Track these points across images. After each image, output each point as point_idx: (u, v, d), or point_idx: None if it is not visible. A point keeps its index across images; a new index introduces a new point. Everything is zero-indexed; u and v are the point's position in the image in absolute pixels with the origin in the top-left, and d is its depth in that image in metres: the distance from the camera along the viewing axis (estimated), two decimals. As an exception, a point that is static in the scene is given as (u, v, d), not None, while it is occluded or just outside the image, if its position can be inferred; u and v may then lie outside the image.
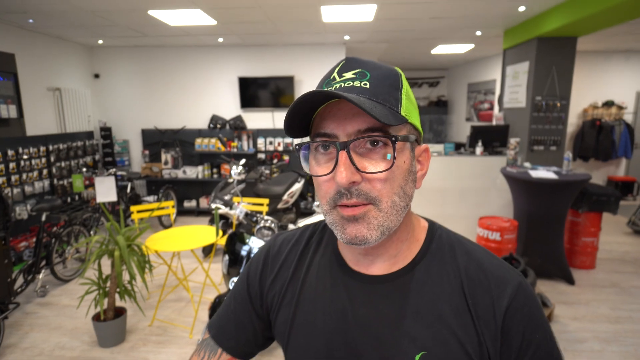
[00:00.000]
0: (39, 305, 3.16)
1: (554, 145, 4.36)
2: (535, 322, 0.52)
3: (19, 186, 4.14)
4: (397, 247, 0.57)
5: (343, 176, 0.47)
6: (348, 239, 0.51)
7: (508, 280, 0.53)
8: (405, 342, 0.53)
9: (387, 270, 0.57)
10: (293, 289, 0.62)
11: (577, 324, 2.77)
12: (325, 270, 0.61)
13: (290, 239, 0.67)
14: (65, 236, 3.59)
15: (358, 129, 0.49)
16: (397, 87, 0.52)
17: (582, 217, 3.58)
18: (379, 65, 0.53)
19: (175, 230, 3.09)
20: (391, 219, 0.51)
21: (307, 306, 0.60)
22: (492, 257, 0.57)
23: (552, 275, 3.42)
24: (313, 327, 0.58)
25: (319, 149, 0.52)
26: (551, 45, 4.19)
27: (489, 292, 0.53)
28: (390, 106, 0.50)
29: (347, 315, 0.56)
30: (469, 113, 7.75)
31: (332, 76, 0.53)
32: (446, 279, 0.55)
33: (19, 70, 4.33)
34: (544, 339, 0.53)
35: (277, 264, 0.65)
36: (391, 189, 0.50)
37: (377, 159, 0.49)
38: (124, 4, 3.63)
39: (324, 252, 0.63)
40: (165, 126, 5.94)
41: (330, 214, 0.52)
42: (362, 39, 5.40)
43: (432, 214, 4.17)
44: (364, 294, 0.56)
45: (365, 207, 0.50)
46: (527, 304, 0.53)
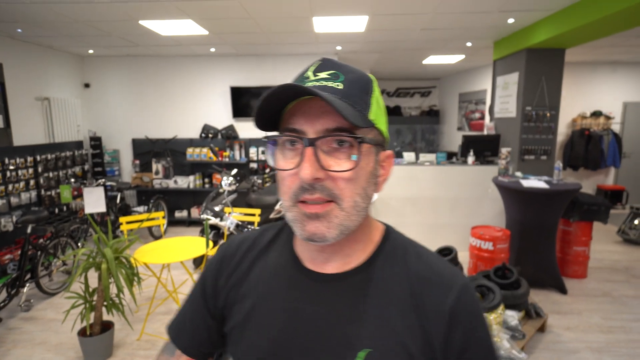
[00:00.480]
0: (22, 320, 3.07)
1: (544, 155, 4.41)
2: (476, 321, 0.55)
3: (4, 197, 4.05)
4: (352, 247, 0.58)
5: (307, 172, 0.48)
6: (306, 236, 0.52)
7: (454, 281, 0.56)
8: (352, 340, 0.54)
9: (340, 269, 0.58)
10: (247, 287, 0.63)
11: (571, 334, 2.77)
12: (280, 269, 0.62)
13: (247, 239, 0.68)
14: (51, 248, 3.51)
15: (326, 128, 0.50)
16: (368, 91, 0.54)
17: (574, 226, 3.60)
18: (354, 70, 0.55)
19: (165, 242, 3.04)
20: (352, 218, 0.52)
21: (260, 304, 0.60)
22: (441, 261, 0.60)
23: (545, 284, 3.42)
24: (266, 324, 0.59)
25: (286, 144, 0.53)
26: (540, 57, 4.26)
27: (436, 293, 0.55)
28: (360, 109, 0.51)
29: (299, 313, 0.57)
30: (461, 122, 7.83)
31: (307, 74, 0.54)
32: (397, 279, 0.57)
33: (6, 80, 4.27)
34: (484, 338, 0.56)
35: (232, 264, 0.66)
36: (354, 189, 0.51)
37: (342, 159, 0.51)
38: (115, 14, 3.62)
39: (281, 251, 0.64)
40: (156, 136, 5.89)
41: (291, 210, 0.53)
42: (354, 49, 5.44)
43: (424, 223, 4.18)
44: (316, 293, 0.57)
45: (328, 206, 0.51)
46: (470, 304, 0.55)
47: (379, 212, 4.50)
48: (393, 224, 0.66)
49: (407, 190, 4.49)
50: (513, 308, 2.63)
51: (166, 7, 3.42)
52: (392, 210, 4.51)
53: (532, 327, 2.64)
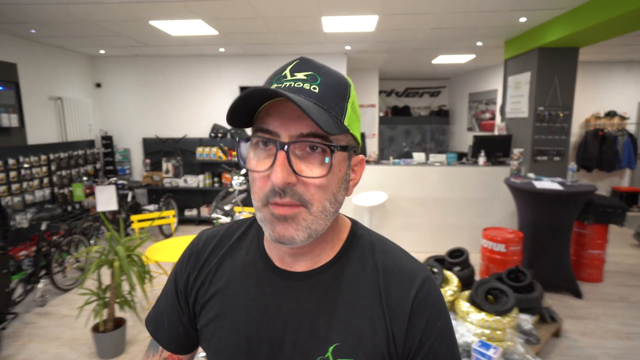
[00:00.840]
0: (38, 315, 3.12)
1: (557, 156, 4.34)
2: (437, 311, 0.57)
3: (19, 195, 4.12)
4: (322, 247, 0.59)
5: (279, 177, 0.48)
6: (275, 238, 0.52)
7: (417, 273, 0.58)
8: (322, 335, 0.55)
9: (309, 267, 0.59)
10: (217, 284, 0.62)
11: (587, 340, 2.71)
12: (249, 266, 0.62)
13: (216, 235, 0.67)
14: (65, 245, 3.55)
15: (301, 132, 0.49)
16: (344, 96, 0.53)
17: (588, 229, 3.54)
18: (331, 72, 0.54)
19: (176, 240, 3.06)
20: (320, 222, 0.53)
21: (230, 302, 0.61)
22: (406, 255, 0.61)
23: (559, 288, 3.37)
24: (236, 322, 0.59)
25: (259, 144, 0.52)
26: (553, 56, 4.20)
27: (400, 285, 0.57)
28: (335, 114, 0.51)
29: (269, 310, 0.58)
30: (471, 123, 7.75)
31: (284, 73, 0.54)
32: (363, 274, 0.58)
33: (20, 80, 4.34)
34: (445, 328, 0.57)
35: (200, 260, 0.65)
36: (324, 194, 0.52)
37: (315, 164, 0.51)
38: (126, 15, 3.65)
39: (249, 248, 0.64)
40: (167, 135, 5.94)
41: (261, 210, 0.53)
42: (363, 49, 5.42)
43: (434, 224, 4.14)
44: (286, 290, 0.58)
45: (296, 209, 0.51)
46: (432, 294, 0.57)
47: (388, 213, 4.48)
48: (402, 224, 0.67)
49: (416, 191, 4.45)
50: (527, 312, 2.59)
51: (176, 8, 3.44)
52: (401, 211, 4.48)
53: (547, 331, 2.60)
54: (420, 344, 0.55)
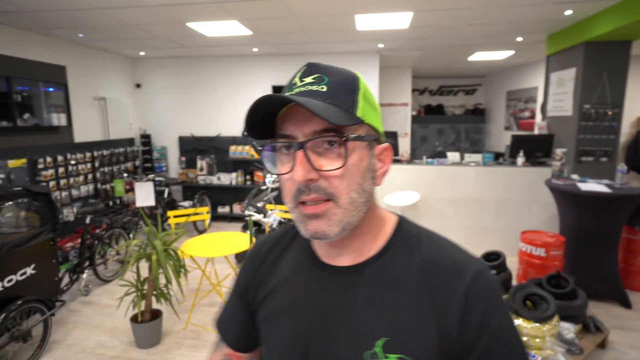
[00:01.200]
0: (82, 304, 3.30)
1: (604, 156, 4.08)
2: (494, 305, 0.54)
3: (66, 190, 4.38)
4: (361, 240, 0.60)
5: (299, 174, 0.51)
6: (310, 234, 0.54)
7: (469, 266, 0.55)
8: (369, 329, 0.55)
9: (353, 261, 0.60)
10: (272, 283, 0.66)
11: (637, 353, 2.53)
12: (299, 264, 0.65)
13: (273, 238, 0.72)
14: (107, 238, 3.75)
15: (314, 130, 0.52)
16: (353, 90, 0.55)
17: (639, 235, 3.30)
18: (338, 70, 0.57)
19: (210, 236, 3.14)
20: (351, 214, 0.54)
21: (283, 299, 0.64)
22: (455, 247, 0.59)
23: (604, 297, 3.16)
24: (288, 318, 0.62)
25: (282, 149, 0.55)
26: (601, 50, 3.94)
27: (449, 278, 0.55)
28: (346, 108, 0.53)
29: (317, 305, 0.60)
30: (508, 122, 7.45)
31: (294, 81, 0.57)
32: (410, 268, 0.57)
33: (69, 81, 4.61)
34: (502, 324, 0.54)
35: (258, 262, 0.70)
36: (348, 185, 0.53)
37: (334, 158, 0.53)
38: (165, 17, 3.79)
39: (299, 247, 0.67)
40: (201, 133, 6.11)
41: (293, 212, 0.55)
42: (396, 47, 5.34)
43: (468, 226, 4.02)
44: (333, 285, 0.60)
45: (325, 205, 0.53)
46: (487, 288, 0.54)
47: (421, 214, 4.38)
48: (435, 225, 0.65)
49: (450, 192, 4.33)
50: (569, 320, 2.45)
51: (212, 9, 3.53)
52: (434, 211, 4.37)
53: (591, 342, 2.45)
54: (475, 341, 0.53)
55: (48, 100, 4.32)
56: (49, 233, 2.80)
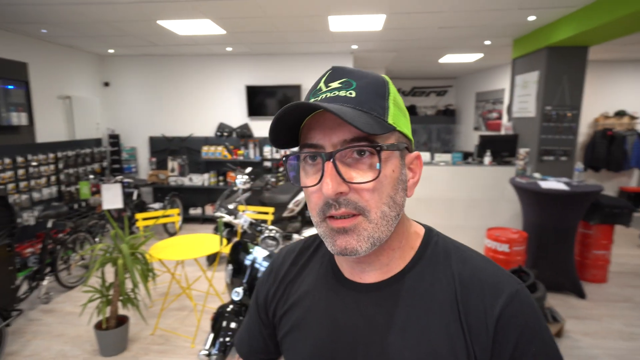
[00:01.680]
0: (42, 312, 3.16)
1: (564, 156, 4.29)
2: (531, 332, 0.49)
3: (27, 192, 4.18)
4: (389, 256, 0.56)
5: (329, 187, 0.47)
6: (338, 251, 0.51)
7: (503, 287, 0.51)
8: (392, 351, 0.52)
9: (379, 278, 0.56)
10: (293, 297, 0.64)
11: (589, 340, 2.68)
12: (321, 279, 0.62)
13: (293, 250, 0.69)
14: (70, 243, 3.60)
15: (344, 139, 0.48)
16: (383, 95, 0.52)
17: (594, 230, 3.49)
18: (366, 74, 0.53)
19: (180, 239, 3.08)
20: (382, 229, 0.50)
21: (304, 314, 0.61)
22: (489, 264, 0.55)
23: (563, 288, 3.33)
24: (309, 334, 0.59)
25: (307, 159, 0.52)
26: (562, 55, 4.14)
27: (482, 300, 0.51)
28: (377, 115, 0.50)
29: (338, 323, 0.57)
30: (477, 122, 7.69)
31: (319, 86, 0.53)
32: (438, 286, 0.54)
33: (30, 79, 4.40)
34: (542, 353, 0.49)
35: (280, 275, 0.67)
36: (380, 199, 0.49)
37: (364, 169, 0.49)
38: (135, 15, 3.68)
39: (321, 261, 0.64)
40: (173, 134, 5.98)
41: (320, 226, 0.52)
42: (370, 48, 5.40)
43: (439, 224, 4.11)
44: (355, 303, 0.57)
45: (355, 219, 0.49)
46: (523, 312, 0.50)
47: (393, 213, 4.45)
48: None
49: (421, 191, 4.41)
50: (530, 313, 2.57)
51: (184, 7, 3.46)
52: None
53: (550, 332, 2.57)
54: None
55: (7, 98, 4.11)
56: (5, 238, 2.67)
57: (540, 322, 0.51)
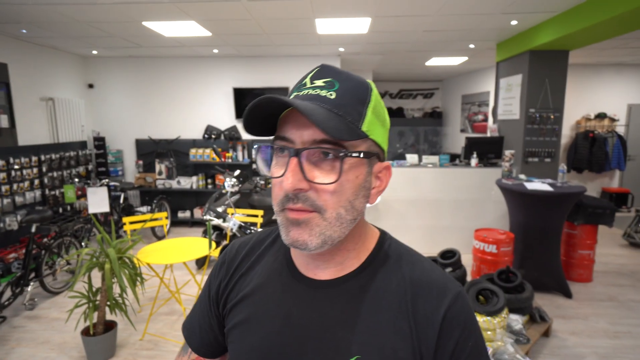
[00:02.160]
0: (26, 319, 3.08)
1: (548, 157, 4.39)
2: (469, 329, 0.54)
3: (9, 196, 4.07)
4: (344, 255, 0.58)
5: (289, 182, 0.49)
6: (290, 241, 0.52)
7: (448, 289, 0.55)
8: (343, 346, 0.54)
9: (333, 275, 0.58)
10: (244, 290, 0.64)
11: (576, 339, 2.74)
12: (275, 273, 0.62)
13: (247, 243, 0.69)
14: (55, 248, 3.52)
15: (314, 139, 0.49)
16: (364, 101, 0.52)
17: (578, 230, 3.58)
18: (352, 78, 0.53)
19: (168, 242, 3.04)
20: (334, 229, 0.52)
21: (255, 308, 0.61)
22: (435, 268, 0.59)
23: (549, 288, 3.40)
24: (259, 328, 0.59)
25: (278, 150, 0.53)
26: (543, 59, 4.25)
27: (429, 300, 0.54)
28: (351, 120, 0.50)
29: (291, 318, 0.57)
30: (464, 124, 7.81)
31: (304, 81, 0.54)
32: (389, 286, 0.56)
33: (11, 80, 4.30)
34: (477, 348, 0.55)
35: (232, 268, 0.67)
36: (338, 201, 0.51)
37: (327, 170, 0.50)
38: (119, 15, 3.64)
39: (276, 256, 0.65)
40: (160, 136, 5.91)
41: (279, 215, 0.54)
42: (357, 51, 5.44)
43: (427, 225, 4.17)
44: (309, 298, 0.58)
45: (309, 214, 0.51)
46: (464, 312, 0.55)
47: (381, 214, 4.49)
48: (395, 226, 0.66)
49: (409, 193, 4.47)
50: (517, 312, 2.61)
51: (169, 9, 3.43)
52: (394, 212, 4.50)
53: (537, 331, 2.62)
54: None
55: (-13, 100, 4.00)
56: (-12, 244, 2.59)
57: (475, 320, 0.57)
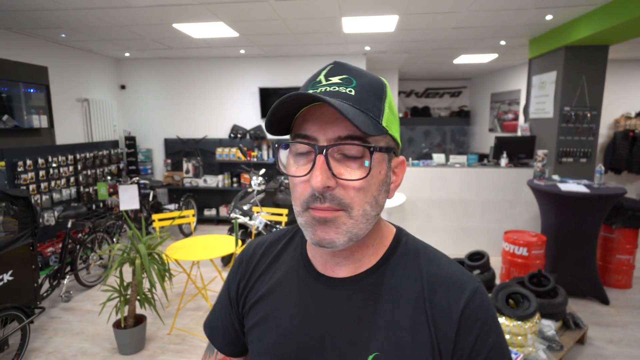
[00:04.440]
0: (63, 310, 3.23)
1: (584, 157, 4.19)
2: (489, 325, 0.54)
3: (47, 193, 4.28)
4: (363, 252, 0.58)
5: (318, 180, 0.48)
6: (316, 241, 0.52)
7: (466, 284, 0.55)
8: (361, 343, 0.54)
9: (351, 273, 0.58)
10: (262, 289, 0.64)
11: (613, 348, 2.60)
12: (293, 272, 0.63)
13: (264, 243, 0.70)
14: (89, 243, 3.67)
15: (338, 135, 0.49)
16: (381, 97, 0.53)
17: (616, 233, 3.40)
18: (366, 74, 0.54)
19: (195, 239, 3.11)
20: (360, 226, 0.52)
21: (273, 306, 0.62)
22: (453, 264, 0.59)
23: (584, 294, 3.24)
24: (277, 326, 0.60)
25: (298, 149, 0.53)
26: (580, 54, 4.05)
27: (447, 296, 0.54)
28: (373, 116, 0.51)
29: (309, 316, 0.58)
30: (493, 124, 7.58)
31: (319, 79, 0.54)
32: (406, 283, 0.56)
33: (51, 82, 4.52)
34: (497, 343, 0.54)
35: (250, 267, 0.68)
36: (364, 197, 0.51)
37: (354, 167, 0.50)
38: (151, 18, 3.75)
39: (293, 255, 0.65)
40: (187, 136, 6.06)
41: (302, 215, 0.53)
42: (383, 49, 5.38)
43: (454, 226, 4.08)
44: (326, 296, 0.58)
45: (336, 212, 0.51)
46: (483, 308, 0.54)
47: (407, 215, 4.42)
48: (421, 226, 0.65)
49: (436, 193, 4.38)
50: (550, 317, 2.51)
51: (198, 10, 3.51)
52: (420, 212, 4.42)
53: (571, 338, 2.50)
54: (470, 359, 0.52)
55: (28, 101, 4.22)
56: (28, 238, 2.73)
57: (495, 316, 0.56)
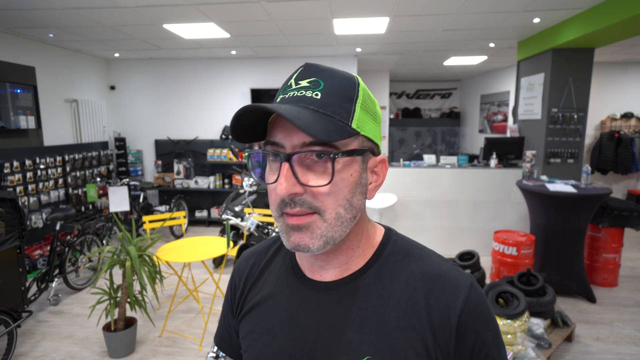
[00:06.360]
0: (51, 314, 3.18)
1: (571, 158, 4.26)
2: (487, 320, 0.54)
3: (35, 195, 4.21)
4: (348, 255, 0.57)
5: (282, 187, 0.48)
6: (291, 246, 0.52)
7: (461, 282, 0.54)
8: (352, 347, 0.53)
9: (338, 276, 0.57)
10: (254, 298, 0.64)
11: (600, 345, 2.65)
12: (282, 278, 0.63)
13: (255, 252, 0.70)
14: (78, 245, 3.62)
15: (303, 142, 0.48)
16: (351, 97, 0.51)
17: (603, 233, 3.47)
18: (336, 74, 0.53)
19: (186, 241, 3.09)
20: (335, 229, 0.51)
21: (265, 314, 0.61)
22: (445, 261, 0.58)
23: (572, 292, 3.30)
24: (269, 334, 0.59)
25: (269, 156, 0.52)
26: (567, 57, 4.13)
27: (443, 296, 0.53)
28: (340, 119, 0.49)
29: (299, 322, 0.57)
30: (482, 125, 7.67)
31: (290, 82, 0.53)
32: (397, 283, 0.55)
33: (38, 83, 4.45)
34: (494, 337, 0.54)
35: (243, 277, 0.68)
36: (335, 201, 0.50)
37: (321, 172, 0.49)
38: (141, 18, 3.72)
39: (282, 261, 0.65)
40: (178, 137, 6.01)
41: (278, 221, 0.53)
42: (374, 51, 5.41)
43: (444, 226, 4.12)
44: (315, 301, 0.57)
45: (309, 217, 0.50)
46: (480, 304, 0.54)
47: (398, 215, 4.45)
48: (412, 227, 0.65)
49: (427, 193, 4.42)
50: (539, 316, 2.55)
51: (189, 11, 3.49)
52: (411, 213, 4.45)
53: (559, 336, 2.55)
54: (471, 356, 0.52)
55: (15, 102, 4.16)
56: (15, 240, 2.69)
57: (490, 309, 0.55)
